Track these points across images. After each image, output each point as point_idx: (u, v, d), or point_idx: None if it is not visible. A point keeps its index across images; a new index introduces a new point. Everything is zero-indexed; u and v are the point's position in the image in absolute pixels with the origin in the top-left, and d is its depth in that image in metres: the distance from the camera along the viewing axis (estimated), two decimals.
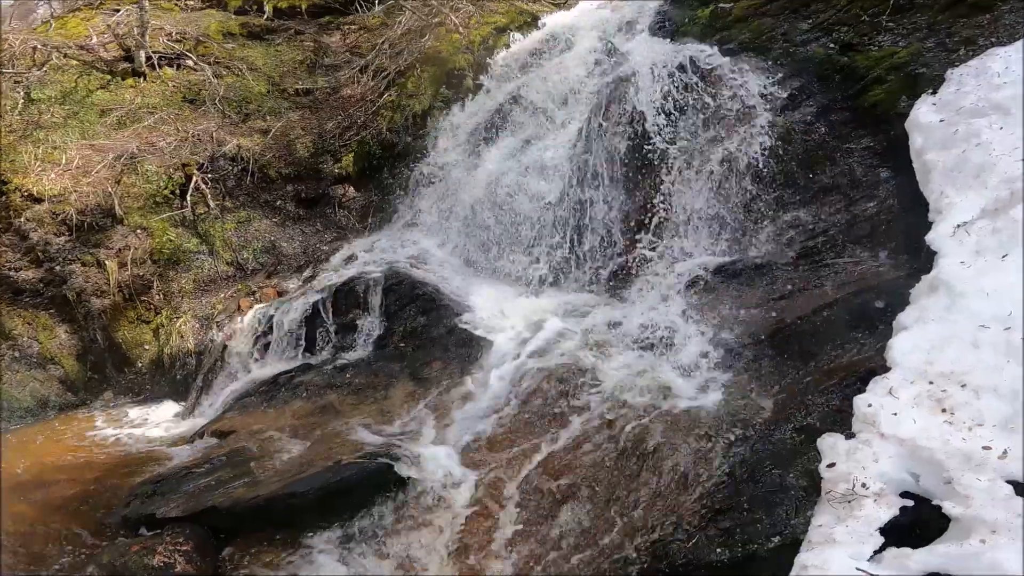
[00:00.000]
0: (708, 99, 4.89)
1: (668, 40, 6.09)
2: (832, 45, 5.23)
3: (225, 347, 5.42)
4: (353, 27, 9.38)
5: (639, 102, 5.20)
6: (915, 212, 3.47)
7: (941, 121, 3.77)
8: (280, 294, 5.98)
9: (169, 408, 5.49)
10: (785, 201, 4.37)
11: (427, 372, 4.54)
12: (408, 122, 7.52)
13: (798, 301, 3.63)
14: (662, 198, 4.78)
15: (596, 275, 5.13)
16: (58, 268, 5.95)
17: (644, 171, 4.94)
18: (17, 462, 4.60)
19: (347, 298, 5.23)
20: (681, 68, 5.12)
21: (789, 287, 3.76)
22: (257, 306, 5.59)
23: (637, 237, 4.88)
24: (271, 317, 5.29)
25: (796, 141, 4.56)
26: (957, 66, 3.98)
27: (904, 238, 3.72)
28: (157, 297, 6.04)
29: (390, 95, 7.74)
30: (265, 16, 9.25)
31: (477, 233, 5.94)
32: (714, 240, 4.35)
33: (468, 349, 4.65)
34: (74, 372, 5.79)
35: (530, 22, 7.87)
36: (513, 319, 4.87)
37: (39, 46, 7.31)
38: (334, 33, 9.51)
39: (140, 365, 5.92)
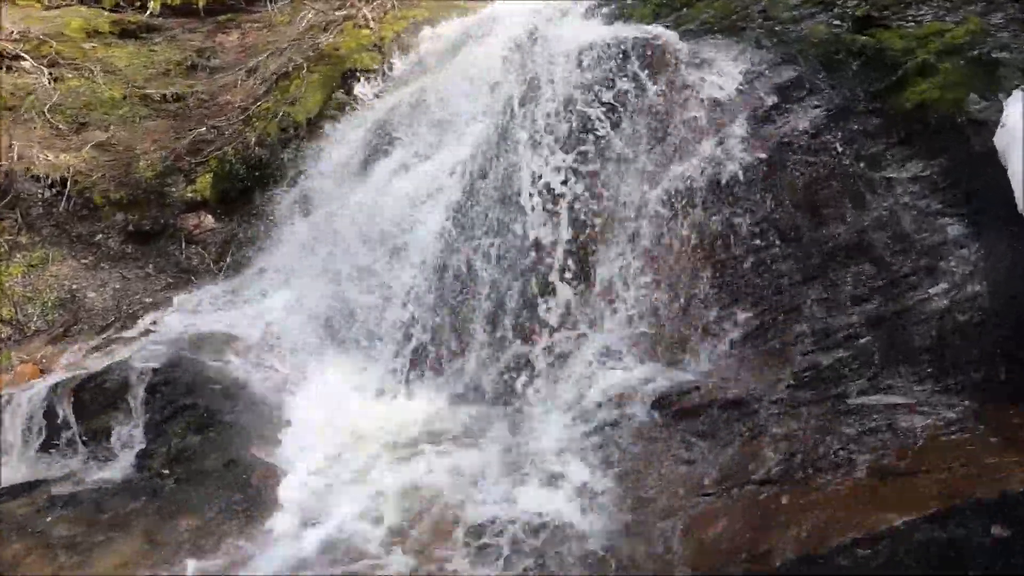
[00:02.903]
0: (655, 98, 2.95)
1: (603, 22, 4.20)
2: (838, 22, 3.40)
3: None
4: (255, 25, 7.60)
5: (552, 107, 3.40)
6: None
7: None
8: (43, 372, 4.09)
9: None
10: (775, 273, 2.47)
11: (171, 531, 2.44)
12: (288, 134, 5.71)
13: (803, 500, 1.64)
14: (575, 257, 2.85)
15: (487, 367, 3.26)
16: None
17: (552, 214, 3.10)
18: None
19: (97, 394, 3.18)
20: (620, 55, 3.22)
21: (783, 460, 1.80)
22: None
23: (541, 316, 3.06)
24: None
25: (793, 166, 2.66)
26: None
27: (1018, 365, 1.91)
28: None
29: (267, 102, 5.96)
30: (148, 12, 7.44)
31: (341, 291, 4.09)
32: (655, 338, 2.45)
33: (249, 503, 2.67)
34: None
35: (459, 13, 6.27)
36: (347, 444, 2.96)
37: None
38: (232, 32, 7.68)
39: None
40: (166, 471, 2.89)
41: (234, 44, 7.16)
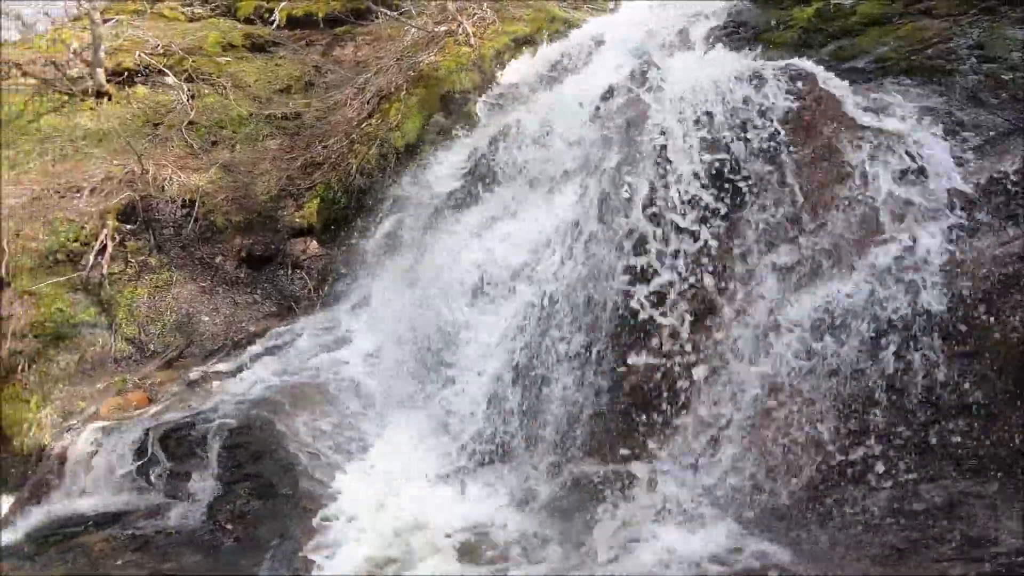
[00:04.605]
0: (798, 175, 2.26)
1: (735, 50, 3.48)
2: None
3: (63, 458, 3.95)
4: (367, 37, 7.51)
5: (651, 174, 2.86)
6: None
7: None
8: (150, 400, 4.36)
9: (4, 507, 3.77)
10: (965, 471, 1.73)
11: None
12: (387, 161, 5.61)
13: None
14: (678, 377, 2.35)
15: (552, 476, 2.92)
16: None
17: (644, 325, 2.57)
18: None
19: (183, 442, 3.29)
20: (753, 105, 2.52)
21: None
22: (95, 423, 3.99)
23: (621, 435, 2.57)
24: (99, 443, 3.69)
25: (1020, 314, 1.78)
26: None
27: None
28: (31, 379, 4.30)
29: (370, 124, 5.88)
30: (274, 25, 7.20)
31: (419, 351, 3.59)
32: (755, 498, 1.95)
33: None
34: None
35: (563, 31, 5.31)
36: (393, 540, 2.81)
37: None
38: (347, 45, 7.59)
39: (15, 446, 4.21)
40: (229, 527, 2.91)
41: (349, 57, 7.15)
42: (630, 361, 2.54)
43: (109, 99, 5.97)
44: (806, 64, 2.67)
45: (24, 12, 11.91)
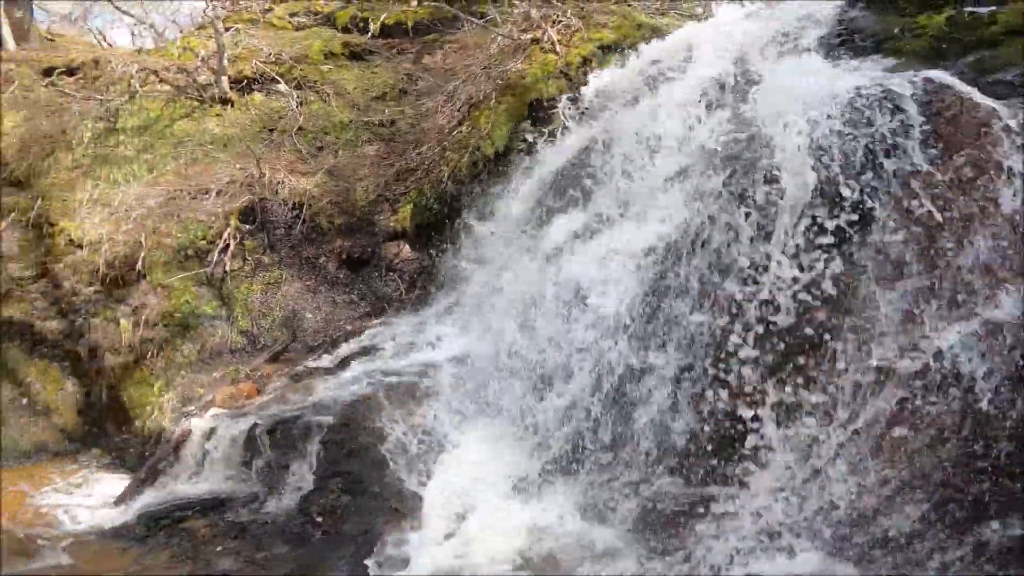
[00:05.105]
0: (936, 199, 2.16)
1: (852, 59, 3.23)
2: None
3: (183, 440, 4.08)
4: (454, 46, 7.66)
5: (766, 198, 2.81)
6: None
7: None
8: (259, 391, 4.78)
9: (122, 484, 4.30)
10: None
11: None
12: (477, 168, 5.77)
13: None
14: (766, 415, 2.32)
15: (633, 492, 2.97)
16: (79, 321, 5.05)
17: (747, 352, 2.52)
18: None
19: (285, 436, 3.56)
20: (876, 116, 2.34)
21: None
22: (211, 410, 4.43)
23: (712, 456, 2.56)
24: (213, 430, 4.13)
25: None
26: None
27: None
28: (158, 364, 4.85)
29: (461, 131, 6.06)
30: (369, 34, 7.54)
31: (506, 359, 3.67)
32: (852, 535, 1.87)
33: None
34: (72, 424, 5.02)
35: (649, 38, 5.20)
36: (469, 549, 2.78)
37: (135, 71, 6.39)
38: (436, 52, 7.75)
39: (137, 427, 4.85)
40: (319, 519, 3.15)
41: (437, 65, 7.34)
42: (728, 384, 2.55)
43: (232, 105, 6.48)
44: (944, 76, 2.45)
45: (156, 20, 13.06)
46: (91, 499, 4.22)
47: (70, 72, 6.68)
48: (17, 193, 5.73)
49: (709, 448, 2.63)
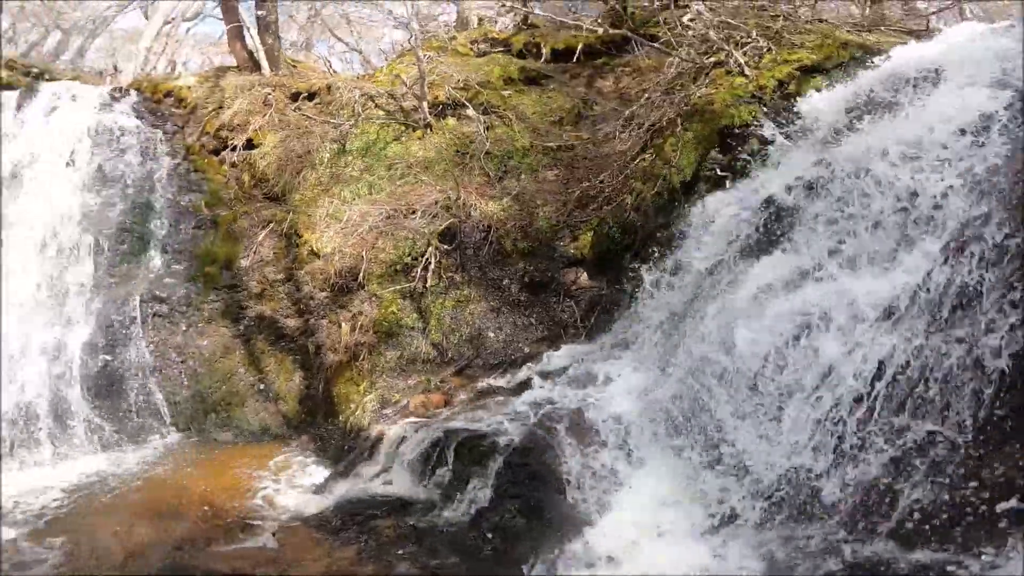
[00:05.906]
0: None
1: None
2: None
3: (379, 441, 4.51)
4: (626, 69, 7.50)
5: None
6: None
7: None
8: (447, 403, 5.14)
9: (322, 474, 4.73)
10: None
11: None
12: (662, 199, 5.63)
13: None
14: None
15: (829, 548, 2.72)
16: (312, 321, 5.80)
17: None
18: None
19: (471, 450, 3.77)
20: None
21: None
22: (408, 420, 4.54)
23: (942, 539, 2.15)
24: (405, 436, 4.22)
25: None
26: None
27: None
28: (365, 366, 5.42)
29: (643, 160, 5.96)
30: (542, 59, 7.76)
31: (688, 399, 3.61)
32: None
33: None
34: (293, 412, 5.71)
35: (859, 59, 4.81)
36: None
37: (358, 96, 7.07)
38: (608, 77, 7.58)
39: (340, 420, 5.44)
40: (490, 535, 3.29)
41: (610, 89, 7.28)
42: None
43: (431, 129, 7.03)
44: None
45: (365, 48, 14.59)
46: (296, 484, 4.62)
47: (310, 96, 7.52)
48: (275, 207, 6.73)
49: (946, 513, 2.38)
